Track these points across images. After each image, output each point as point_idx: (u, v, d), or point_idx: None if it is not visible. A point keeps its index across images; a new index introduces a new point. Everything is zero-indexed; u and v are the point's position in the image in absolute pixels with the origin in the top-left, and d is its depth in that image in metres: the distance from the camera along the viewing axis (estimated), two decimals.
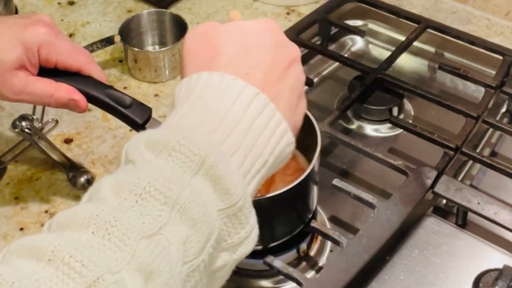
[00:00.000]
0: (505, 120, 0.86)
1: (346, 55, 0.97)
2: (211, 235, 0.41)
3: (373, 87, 0.86)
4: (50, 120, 0.85)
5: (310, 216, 0.67)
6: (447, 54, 0.97)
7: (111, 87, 0.67)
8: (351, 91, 0.85)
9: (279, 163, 0.48)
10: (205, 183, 0.42)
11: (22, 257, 0.37)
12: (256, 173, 0.45)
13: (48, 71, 0.65)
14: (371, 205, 0.68)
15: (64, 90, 0.64)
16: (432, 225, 0.70)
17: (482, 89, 0.84)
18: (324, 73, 0.96)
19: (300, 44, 0.93)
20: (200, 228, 0.40)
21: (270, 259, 0.64)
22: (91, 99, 0.66)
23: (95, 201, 0.41)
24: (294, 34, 0.93)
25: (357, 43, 1.00)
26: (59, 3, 1.06)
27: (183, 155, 0.41)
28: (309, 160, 0.64)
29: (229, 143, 0.44)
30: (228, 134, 0.44)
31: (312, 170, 0.61)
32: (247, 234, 0.44)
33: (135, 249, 0.37)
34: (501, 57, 0.88)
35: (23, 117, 0.85)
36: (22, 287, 0.34)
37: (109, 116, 0.68)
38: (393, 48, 0.91)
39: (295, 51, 0.52)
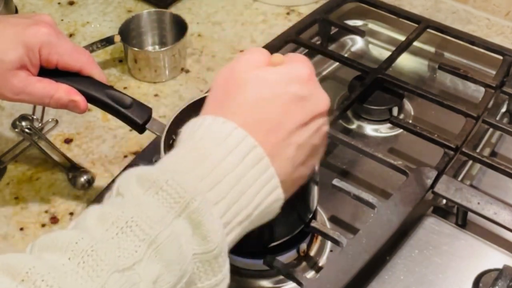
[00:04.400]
0: (505, 120, 0.86)
1: (346, 55, 0.97)
2: (182, 277, 0.42)
3: (373, 87, 0.86)
4: (50, 120, 0.85)
5: (310, 216, 0.67)
6: (447, 54, 0.97)
7: (111, 88, 0.67)
8: (351, 91, 0.85)
9: (264, 216, 0.49)
10: (186, 226, 0.43)
11: None
12: (237, 225, 0.46)
13: (48, 71, 0.65)
14: (371, 205, 0.68)
15: (64, 91, 0.64)
16: (432, 225, 0.70)
17: (482, 89, 0.84)
18: (324, 73, 0.96)
19: (300, 44, 0.93)
20: (173, 269, 0.41)
21: (270, 259, 0.64)
22: (91, 99, 0.66)
23: (79, 228, 0.42)
24: (294, 34, 0.93)
25: (357, 43, 1.00)
26: (59, 3, 1.06)
27: (169, 196, 0.42)
28: None
29: (216, 192, 0.45)
30: (217, 183, 0.45)
31: (312, 170, 0.61)
32: (217, 282, 0.45)
33: (105, 281, 0.38)
34: (501, 57, 0.88)
35: (23, 117, 0.85)
36: None
37: (109, 116, 0.68)
38: (393, 48, 0.91)
39: (321, 106, 0.51)
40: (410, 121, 0.86)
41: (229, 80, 0.50)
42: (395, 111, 0.86)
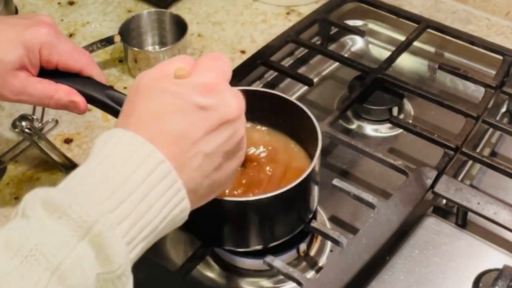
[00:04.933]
0: (505, 120, 0.86)
1: (346, 55, 0.97)
2: None
3: (373, 87, 0.86)
4: (50, 120, 0.85)
5: (310, 216, 0.67)
6: (447, 54, 0.97)
7: (111, 88, 0.67)
8: (351, 91, 0.85)
9: (171, 227, 0.49)
10: (89, 249, 0.43)
11: None
12: (142, 240, 0.46)
13: (48, 72, 0.65)
14: (371, 205, 0.68)
15: (63, 92, 0.64)
16: (432, 225, 0.70)
17: (482, 89, 0.84)
18: (324, 73, 0.96)
19: (300, 44, 0.93)
20: None
21: (270, 259, 0.64)
22: (91, 100, 0.66)
23: None
24: (294, 34, 0.93)
25: (357, 43, 1.01)
26: (59, 3, 1.06)
27: (72, 220, 0.43)
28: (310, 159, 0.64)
29: (119, 212, 0.45)
30: (121, 202, 0.45)
31: (313, 170, 0.61)
32: None
33: None
34: (501, 57, 0.88)
35: (23, 117, 0.85)
36: None
37: (109, 116, 0.68)
38: (393, 48, 0.91)
39: (229, 113, 0.51)
40: (410, 121, 0.86)
41: (136, 90, 0.51)
42: (395, 111, 0.86)
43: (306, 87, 0.91)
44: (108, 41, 0.93)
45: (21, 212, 0.44)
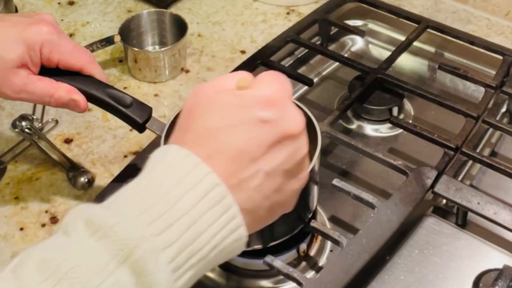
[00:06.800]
0: (505, 120, 0.86)
1: (346, 55, 0.97)
2: None
3: (373, 87, 0.86)
4: (50, 120, 0.85)
5: (310, 216, 0.67)
6: (447, 54, 0.97)
7: (111, 87, 0.67)
8: (351, 91, 0.85)
9: (225, 256, 0.46)
10: (129, 275, 0.40)
11: None
12: (189, 268, 0.43)
13: (49, 70, 0.65)
14: (371, 205, 0.68)
15: (64, 90, 0.64)
16: (432, 225, 0.70)
17: (482, 89, 0.84)
18: (324, 73, 0.96)
19: (300, 44, 0.93)
20: None
21: (270, 259, 0.64)
22: (91, 98, 0.66)
23: (18, 276, 0.40)
24: (294, 34, 0.93)
25: (357, 43, 1.01)
26: (59, 3, 1.06)
27: (114, 242, 0.40)
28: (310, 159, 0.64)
29: (165, 236, 0.42)
30: (169, 225, 0.42)
31: (312, 170, 0.61)
32: None
33: None
34: (501, 57, 0.88)
35: (23, 117, 0.85)
36: None
37: (109, 116, 0.68)
38: (393, 48, 0.91)
39: (292, 127, 0.48)
40: (410, 121, 0.86)
41: (194, 104, 0.48)
42: (395, 111, 0.86)
43: (306, 87, 0.91)
44: (108, 41, 0.93)
45: (63, 228, 0.43)
